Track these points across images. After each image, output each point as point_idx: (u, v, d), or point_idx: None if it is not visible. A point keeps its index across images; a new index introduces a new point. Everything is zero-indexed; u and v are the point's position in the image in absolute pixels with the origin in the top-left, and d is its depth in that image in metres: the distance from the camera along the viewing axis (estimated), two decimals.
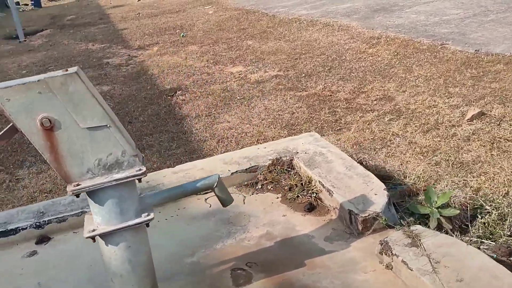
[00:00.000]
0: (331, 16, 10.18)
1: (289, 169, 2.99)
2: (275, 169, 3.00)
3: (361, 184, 2.58)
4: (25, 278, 2.40)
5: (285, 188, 2.88)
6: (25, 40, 14.62)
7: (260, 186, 2.96)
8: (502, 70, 5.29)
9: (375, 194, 2.46)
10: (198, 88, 6.65)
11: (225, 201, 1.99)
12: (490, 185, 3.00)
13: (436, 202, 2.52)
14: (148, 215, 1.82)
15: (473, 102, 4.58)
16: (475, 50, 6.09)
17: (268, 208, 2.71)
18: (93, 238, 1.81)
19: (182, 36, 10.94)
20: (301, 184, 2.84)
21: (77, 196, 1.75)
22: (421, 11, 8.95)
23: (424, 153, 3.71)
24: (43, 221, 2.69)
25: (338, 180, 2.66)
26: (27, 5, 29.83)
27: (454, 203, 2.60)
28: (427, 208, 2.52)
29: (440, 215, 2.48)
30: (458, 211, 2.49)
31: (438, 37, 7.05)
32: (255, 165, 3.03)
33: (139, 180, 1.79)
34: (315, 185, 2.77)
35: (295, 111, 5.19)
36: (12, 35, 15.47)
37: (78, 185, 1.73)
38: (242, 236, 2.47)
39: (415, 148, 3.84)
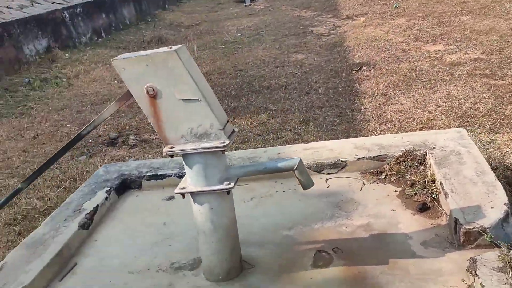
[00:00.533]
0: None
1: (418, 164, 2.83)
2: (404, 162, 2.86)
3: (483, 193, 2.33)
4: (157, 217, 2.84)
5: (408, 183, 2.74)
6: (250, 4, 15.88)
7: (383, 176, 2.87)
8: None
9: (492, 208, 2.21)
10: (386, 65, 6.49)
11: (305, 184, 2.05)
12: None
13: None
14: (229, 184, 2.00)
15: None
16: None
17: (382, 199, 2.64)
18: (182, 194, 2.08)
19: (395, 7, 10.60)
20: (424, 181, 2.68)
21: (171, 156, 2.02)
22: None
23: None
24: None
25: (461, 185, 2.44)
26: None
27: None
28: None
29: None
30: None
31: None
32: (385, 154, 2.94)
33: (222, 152, 1.98)
34: (436, 185, 2.59)
35: (478, 101, 4.74)
36: None
37: (172, 147, 2.00)
38: (342, 221, 2.48)
39: None
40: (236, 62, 8.11)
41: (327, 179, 2.97)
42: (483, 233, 2.13)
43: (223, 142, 1.94)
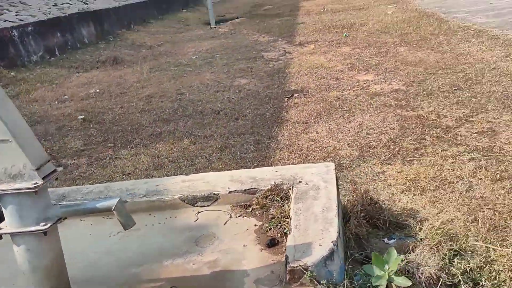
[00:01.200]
0: (509, 27, 9.03)
1: (282, 198, 2.91)
2: (271, 195, 2.95)
3: (319, 230, 2.41)
4: None
5: (269, 217, 2.82)
6: (215, 27, 16.07)
7: (250, 210, 2.95)
8: None
9: (320, 245, 2.28)
10: (317, 93, 6.63)
11: (125, 224, 2.09)
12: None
13: (388, 265, 2.25)
14: (45, 225, 2.02)
15: None
16: None
17: (239, 234, 2.70)
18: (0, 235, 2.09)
19: (345, 36, 10.85)
20: (281, 216, 2.76)
21: None
22: None
23: (475, 210, 3.22)
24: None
25: (305, 221, 2.51)
26: None
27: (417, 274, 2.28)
28: (380, 270, 2.27)
29: (390, 282, 2.21)
30: (410, 283, 2.19)
31: None
32: (255, 188, 3.01)
33: (35, 193, 2.00)
34: (288, 220, 2.67)
35: (385, 132, 4.87)
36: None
37: None
38: (193, 258, 2.53)
39: (470, 199, 3.35)
40: (181, 85, 8.18)
41: (198, 212, 3.02)
42: (305, 271, 2.20)
43: (36, 183, 1.97)
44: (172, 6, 20.44)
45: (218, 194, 3.07)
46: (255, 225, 2.81)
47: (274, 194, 2.96)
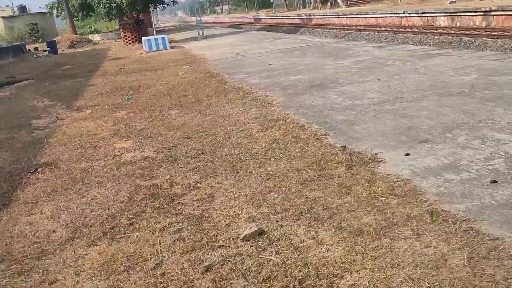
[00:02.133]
0: (272, 88, 9.77)
1: None
2: None
3: None
4: None
5: None
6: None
7: None
8: (338, 174, 4.66)
9: None
10: (66, 165, 6.25)
11: None
12: None
13: None
14: None
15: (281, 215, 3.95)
16: (341, 146, 5.49)
17: None
18: None
19: (128, 98, 10.75)
20: None
21: None
22: (346, 92, 8.41)
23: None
24: None
25: None
26: (45, 51, 30.97)
27: None
28: None
29: None
30: None
31: (328, 126, 6.48)
32: None
33: None
34: None
35: (110, 206, 4.65)
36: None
37: None
38: None
39: (154, 278, 3.24)
40: None
41: None
42: None
43: None
44: None
45: None
46: None
47: None
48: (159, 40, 22.96)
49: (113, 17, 28.66)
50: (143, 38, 23.70)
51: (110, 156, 6.43)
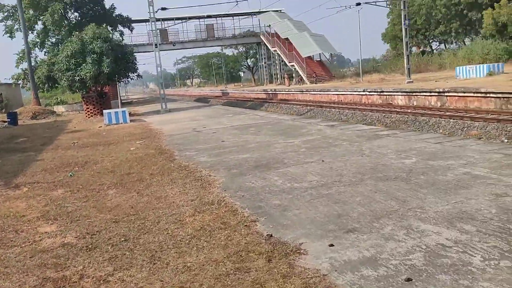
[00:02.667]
0: (218, 167, 9.64)
1: None
2: None
3: None
4: None
5: None
6: None
7: None
8: (256, 268, 4.42)
9: None
10: None
11: None
12: None
13: None
14: None
15: None
16: (267, 235, 5.30)
17: None
18: None
19: (70, 175, 10.42)
20: None
21: None
22: (288, 174, 8.33)
23: None
24: None
25: None
26: (5, 122, 30.49)
27: None
28: None
29: None
30: None
31: (261, 211, 6.31)
32: None
33: None
34: None
35: None
36: None
37: None
38: None
39: None
40: None
41: None
42: None
43: None
44: None
45: None
46: None
47: None
48: (119, 113, 22.92)
49: (76, 90, 28.62)
50: (104, 111, 23.64)
51: (29, 242, 6.05)
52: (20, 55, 41.08)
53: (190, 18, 59.14)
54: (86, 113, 28.51)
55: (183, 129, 18.06)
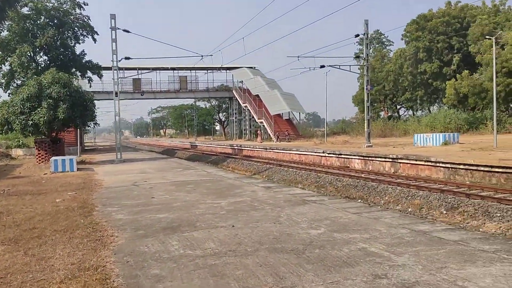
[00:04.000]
0: (126, 227, 9.20)
1: None
2: None
3: None
4: None
5: None
6: None
7: None
8: None
9: None
10: None
11: None
12: None
13: None
14: None
15: None
16: None
17: None
18: None
19: None
20: None
21: None
22: (191, 238, 7.97)
23: None
24: None
25: None
26: None
27: None
28: None
29: None
30: None
31: (134, 281, 5.88)
32: None
33: None
34: None
35: None
36: None
37: None
38: None
39: None
40: None
41: None
42: None
43: None
44: None
45: None
46: None
47: None
48: (66, 161, 22.34)
49: (29, 134, 27.98)
50: (51, 158, 23.03)
51: None
52: None
53: (163, 69, 59.59)
54: (37, 158, 27.80)
55: (123, 182, 17.58)
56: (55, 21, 40.22)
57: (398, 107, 65.66)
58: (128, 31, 29.03)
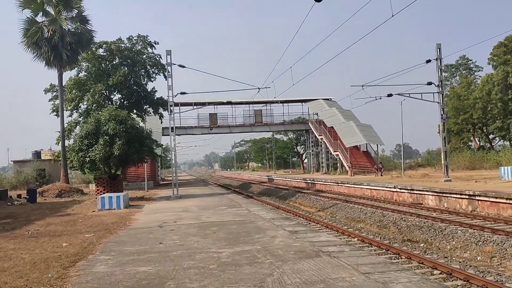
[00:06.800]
0: (94, 285, 7.91)
1: None
2: None
3: None
4: None
5: None
6: None
7: None
8: None
9: None
10: None
11: None
12: None
13: None
14: None
15: None
16: None
17: None
18: None
19: None
20: None
21: None
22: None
23: None
24: None
25: None
26: (19, 198, 30.39)
27: None
28: None
29: None
30: None
31: None
32: None
33: None
34: None
35: None
36: None
37: None
38: None
39: None
40: None
41: None
42: None
43: None
44: None
45: None
46: None
47: None
48: (113, 198, 21.89)
49: (88, 171, 28.22)
50: (99, 196, 22.73)
51: None
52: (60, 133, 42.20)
53: (237, 103, 59.53)
54: (96, 194, 27.87)
55: (153, 222, 16.55)
56: (128, 60, 41.32)
57: (491, 136, 60.11)
58: (183, 66, 28.74)
